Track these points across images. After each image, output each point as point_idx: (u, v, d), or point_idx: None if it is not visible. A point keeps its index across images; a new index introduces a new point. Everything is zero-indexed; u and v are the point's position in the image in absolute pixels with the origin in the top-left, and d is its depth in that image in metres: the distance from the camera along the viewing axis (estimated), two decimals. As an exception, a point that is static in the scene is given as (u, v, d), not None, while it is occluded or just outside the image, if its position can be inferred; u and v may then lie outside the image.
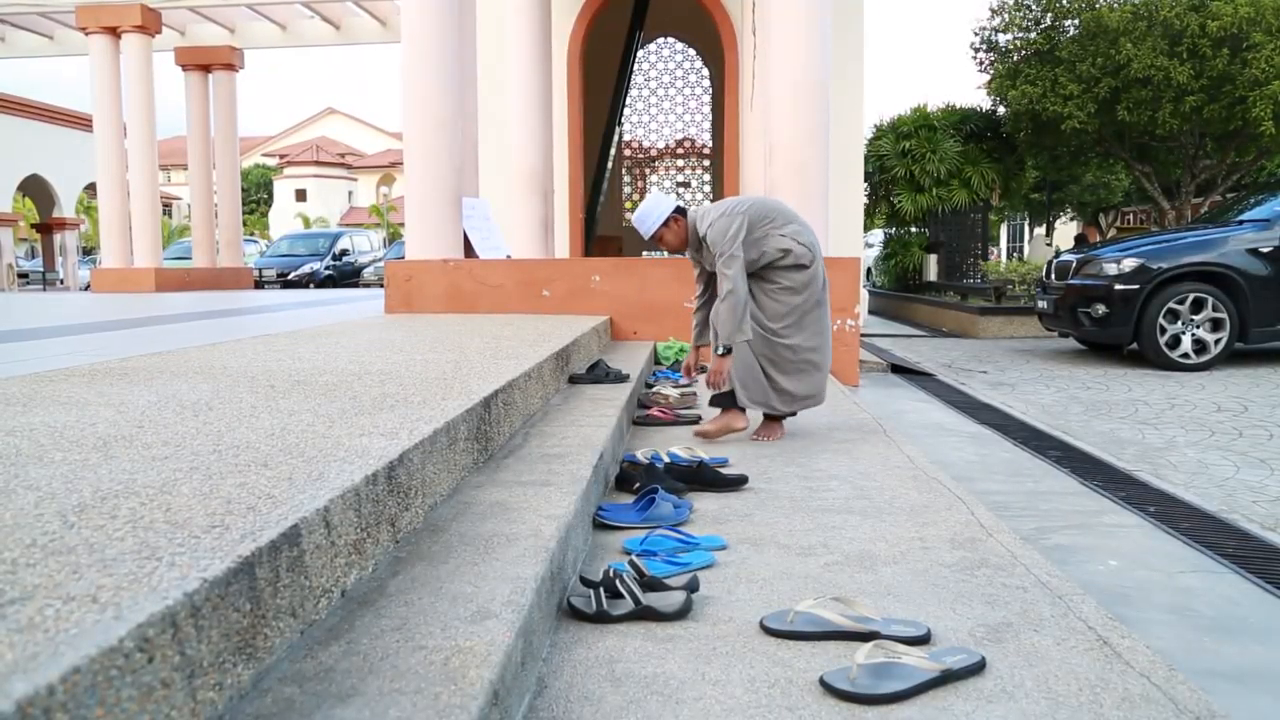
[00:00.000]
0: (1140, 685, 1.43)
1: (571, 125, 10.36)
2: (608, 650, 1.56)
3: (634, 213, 3.25)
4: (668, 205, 3.40)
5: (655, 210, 3.39)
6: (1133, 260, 7.14)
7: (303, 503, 1.28)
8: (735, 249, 3.19)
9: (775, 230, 3.31)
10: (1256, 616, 2.26)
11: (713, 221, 3.26)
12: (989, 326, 10.30)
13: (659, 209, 3.39)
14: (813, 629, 1.60)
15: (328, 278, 17.85)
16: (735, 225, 3.22)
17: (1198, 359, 6.93)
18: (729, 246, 3.19)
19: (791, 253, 3.30)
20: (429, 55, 5.91)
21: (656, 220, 3.38)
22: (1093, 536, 2.95)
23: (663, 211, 3.38)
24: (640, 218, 3.42)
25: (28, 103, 20.49)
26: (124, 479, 1.40)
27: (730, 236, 3.20)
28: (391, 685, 1.10)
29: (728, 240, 3.20)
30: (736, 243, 3.19)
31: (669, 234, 3.41)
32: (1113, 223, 20.13)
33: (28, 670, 0.74)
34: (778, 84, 5.85)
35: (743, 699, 1.39)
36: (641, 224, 3.42)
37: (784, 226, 3.32)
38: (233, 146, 14.05)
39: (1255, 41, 9.75)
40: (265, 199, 42.74)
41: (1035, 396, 5.92)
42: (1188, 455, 4.17)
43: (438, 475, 1.86)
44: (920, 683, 1.41)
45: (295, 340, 3.95)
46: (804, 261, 3.32)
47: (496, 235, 7.14)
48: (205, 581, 0.98)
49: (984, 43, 12.33)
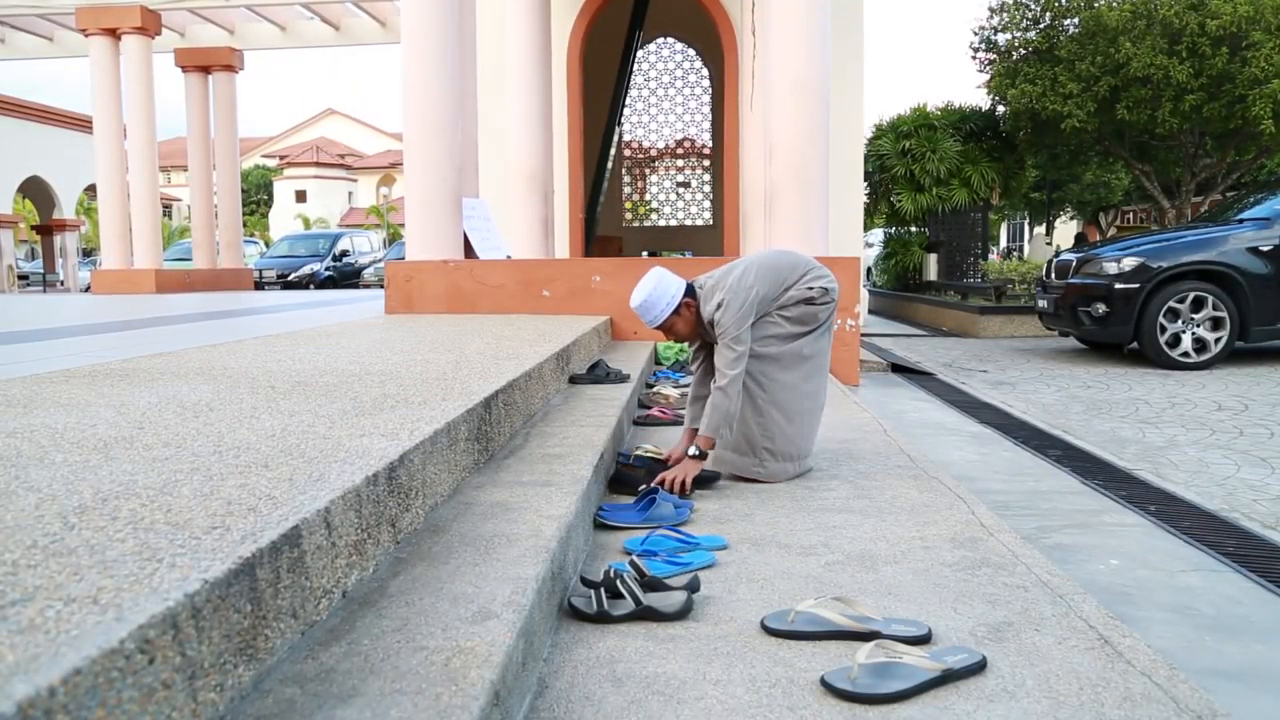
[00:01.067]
0: (1141, 684, 1.43)
1: (571, 125, 10.36)
2: (609, 650, 1.56)
3: (636, 298, 2.76)
4: (677, 288, 2.78)
5: (663, 296, 2.76)
6: (1133, 259, 7.14)
7: (303, 504, 1.28)
8: (744, 332, 2.71)
9: (789, 293, 2.82)
10: (1258, 615, 2.26)
11: (722, 300, 2.72)
12: (989, 326, 10.30)
13: (667, 294, 2.76)
14: (814, 629, 1.60)
15: (328, 278, 17.85)
16: (747, 302, 2.71)
17: (1198, 358, 6.93)
18: (736, 328, 2.70)
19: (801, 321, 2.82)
20: (429, 56, 5.91)
21: (666, 308, 2.76)
22: (1094, 536, 2.95)
23: (673, 296, 2.77)
24: (646, 304, 2.75)
25: (28, 104, 20.50)
26: (125, 480, 1.40)
27: (740, 315, 2.70)
28: (392, 686, 1.10)
29: (737, 320, 2.70)
30: (745, 324, 2.72)
31: (680, 322, 2.81)
32: (1113, 222, 20.14)
33: (29, 671, 0.74)
34: (778, 84, 5.85)
35: (744, 699, 1.39)
36: (647, 312, 2.77)
37: (798, 284, 2.83)
38: (233, 147, 14.04)
39: (1255, 40, 9.75)
40: (265, 200, 42.76)
41: (1036, 396, 5.91)
42: (1188, 454, 4.17)
43: (438, 476, 1.86)
44: (921, 682, 1.41)
45: (296, 341, 3.95)
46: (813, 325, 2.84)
47: (496, 235, 7.14)
48: (206, 582, 0.98)
49: (983, 42, 12.33)
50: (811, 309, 2.81)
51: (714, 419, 2.70)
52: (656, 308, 2.77)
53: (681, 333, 2.85)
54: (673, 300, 2.77)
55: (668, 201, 14.72)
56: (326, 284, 17.65)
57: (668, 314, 2.78)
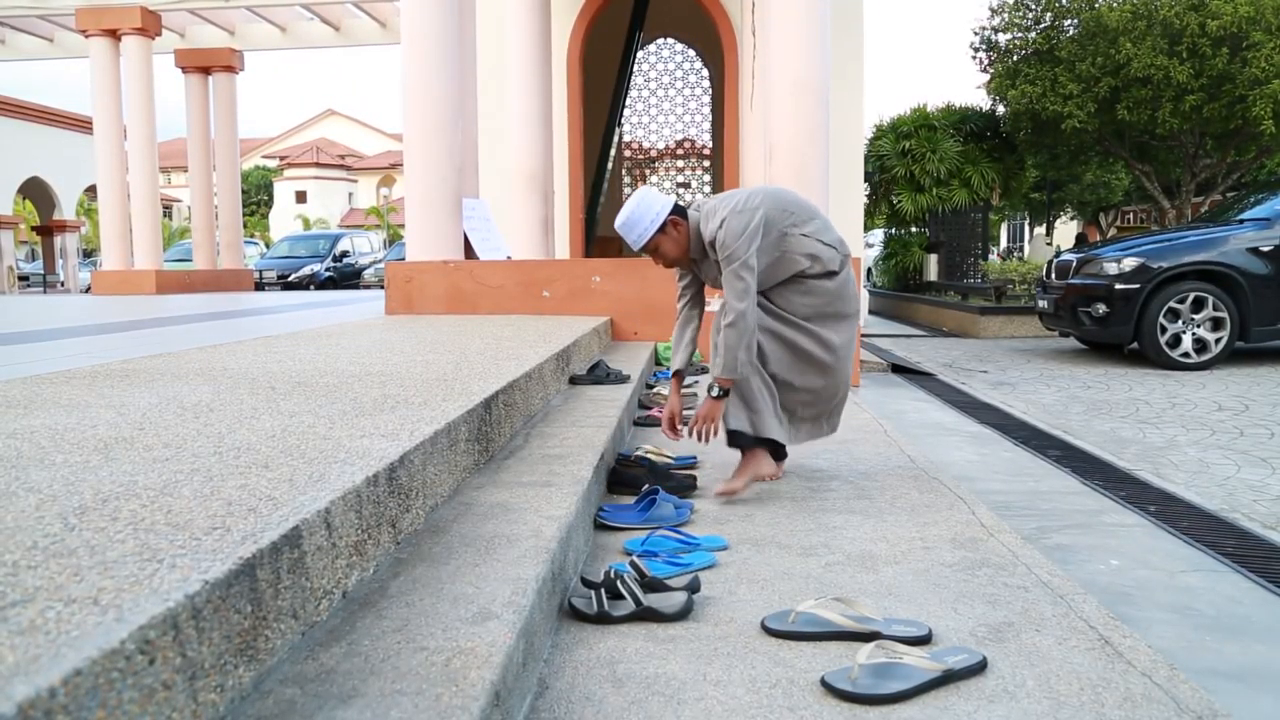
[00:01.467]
0: (1142, 684, 1.43)
1: (571, 126, 10.36)
2: (609, 651, 1.56)
3: (620, 217, 2.60)
4: (663, 205, 2.61)
5: (647, 212, 2.59)
6: (1133, 259, 7.14)
7: (304, 504, 1.28)
8: (750, 256, 2.51)
9: (796, 230, 2.63)
10: (1258, 615, 2.26)
11: (725, 219, 2.52)
12: (989, 326, 10.30)
13: (652, 210, 2.59)
14: (814, 629, 1.60)
15: (328, 279, 17.85)
16: (752, 223, 2.51)
17: (1198, 358, 6.93)
18: (744, 250, 2.49)
19: (819, 259, 2.62)
20: (429, 56, 5.91)
21: (651, 225, 2.59)
22: (1094, 536, 2.95)
23: (658, 213, 2.59)
24: (629, 222, 2.60)
25: (28, 105, 20.51)
26: (125, 481, 1.40)
27: (747, 236, 2.50)
28: (393, 686, 1.10)
29: (743, 241, 2.49)
30: (752, 247, 2.51)
31: (667, 242, 2.63)
32: (1113, 222, 20.15)
33: (29, 672, 0.74)
34: (777, 84, 5.85)
35: (744, 699, 1.39)
36: (630, 230, 2.60)
37: (805, 224, 2.65)
38: (233, 148, 14.05)
39: (1255, 40, 9.75)
40: (265, 200, 42.77)
41: (1036, 396, 5.91)
42: (1188, 454, 4.17)
43: (438, 476, 1.86)
44: (921, 683, 1.41)
45: (296, 342, 3.95)
46: (833, 267, 2.65)
47: (496, 236, 7.14)
48: (206, 583, 0.98)
49: (984, 42, 12.33)
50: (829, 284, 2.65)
51: (727, 358, 2.51)
52: (640, 225, 2.58)
53: (669, 254, 2.65)
54: (658, 217, 2.59)
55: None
56: (327, 285, 17.65)
57: (652, 232, 2.59)
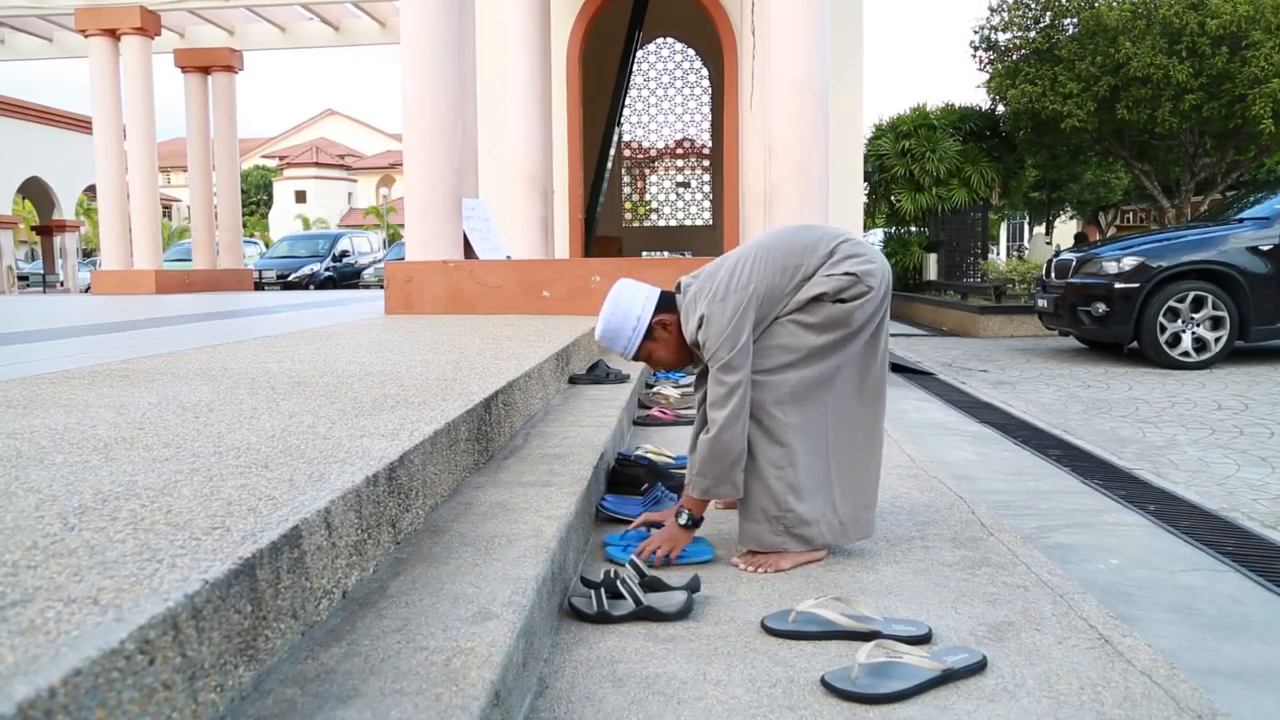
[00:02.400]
0: (1142, 684, 1.43)
1: (571, 126, 10.36)
2: (609, 650, 1.56)
3: (598, 327, 2.13)
4: (645, 304, 2.10)
5: (627, 318, 2.08)
6: (1133, 259, 7.14)
7: (303, 504, 1.28)
8: (736, 354, 1.96)
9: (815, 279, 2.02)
10: (1259, 615, 2.26)
11: (705, 315, 2.00)
12: (989, 326, 10.30)
13: (631, 315, 2.08)
14: (814, 629, 1.60)
15: (328, 279, 17.85)
16: (739, 311, 1.98)
17: (1198, 357, 6.93)
18: (726, 350, 1.96)
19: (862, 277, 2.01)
20: (428, 56, 5.91)
21: (634, 335, 2.09)
22: (1094, 535, 2.95)
23: (639, 317, 2.08)
24: (609, 333, 2.11)
25: (27, 105, 20.50)
26: (125, 481, 1.40)
27: (732, 328, 1.97)
28: (393, 686, 1.10)
29: (727, 337, 1.97)
30: (740, 341, 1.97)
31: (659, 348, 2.13)
32: (1112, 221, 20.16)
33: (29, 672, 0.74)
34: (777, 84, 5.84)
35: (744, 699, 1.39)
36: (613, 343, 2.12)
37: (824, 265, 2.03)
38: (232, 148, 14.04)
39: (1254, 40, 9.75)
40: (265, 200, 42.77)
41: (1036, 395, 5.91)
42: (1188, 453, 4.17)
43: (438, 476, 1.86)
44: (921, 682, 1.41)
45: (295, 342, 3.95)
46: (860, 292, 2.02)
47: (496, 236, 7.14)
48: (206, 583, 0.98)
49: (983, 42, 12.34)
50: (842, 308, 2.00)
51: (703, 477, 1.99)
52: (622, 336, 2.09)
53: (666, 361, 2.16)
54: (639, 323, 2.08)
55: (667, 202, 14.72)
56: (326, 284, 17.65)
57: (637, 343, 2.10)
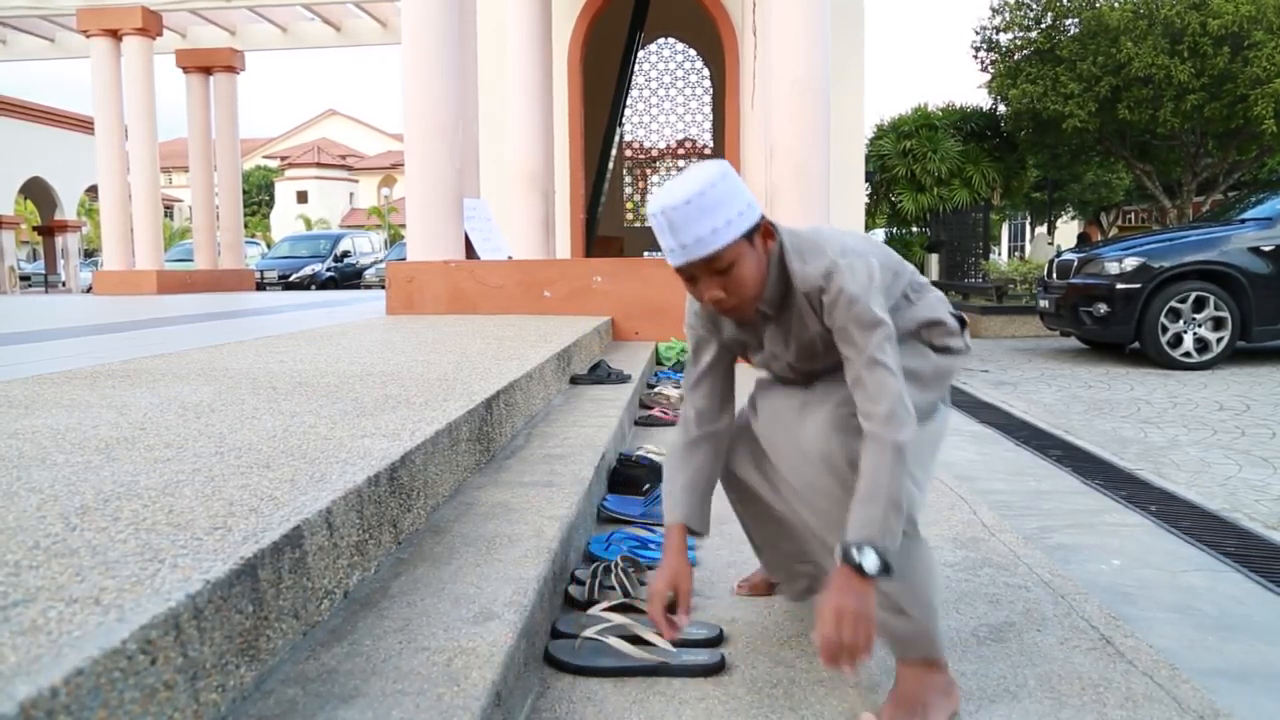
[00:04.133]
0: (1143, 684, 1.43)
1: (572, 126, 10.37)
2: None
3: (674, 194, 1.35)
4: (747, 201, 1.40)
5: (736, 192, 1.38)
6: (1134, 259, 7.14)
7: (305, 504, 1.28)
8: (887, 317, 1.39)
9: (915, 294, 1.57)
10: (1260, 615, 2.26)
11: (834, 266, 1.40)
12: (990, 326, 10.30)
13: (738, 198, 1.38)
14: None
15: (329, 279, 17.86)
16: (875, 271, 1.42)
17: (1200, 358, 6.92)
18: (879, 310, 1.38)
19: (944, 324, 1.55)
20: (429, 57, 5.91)
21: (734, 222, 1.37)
22: (1095, 536, 2.95)
23: (750, 202, 1.40)
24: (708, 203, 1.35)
25: (29, 105, 20.52)
26: (126, 481, 1.40)
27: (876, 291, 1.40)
28: (394, 686, 1.10)
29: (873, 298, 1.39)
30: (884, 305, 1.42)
31: (749, 259, 1.41)
32: (1114, 221, 20.16)
33: (30, 672, 0.75)
34: (778, 84, 5.85)
35: (745, 699, 1.39)
36: (704, 215, 1.35)
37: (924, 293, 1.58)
38: (234, 148, 14.05)
39: (1256, 40, 9.75)
40: (266, 201, 42.79)
41: (1037, 396, 5.91)
42: (1190, 454, 4.17)
43: (440, 476, 1.86)
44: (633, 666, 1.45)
45: (297, 342, 3.95)
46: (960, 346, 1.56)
47: (497, 236, 7.14)
48: (208, 583, 0.98)
49: (985, 42, 12.35)
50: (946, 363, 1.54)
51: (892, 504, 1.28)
52: (720, 211, 1.35)
53: (746, 281, 1.41)
54: (750, 208, 1.39)
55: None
56: (328, 285, 17.66)
57: (735, 234, 1.36)
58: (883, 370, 1.34)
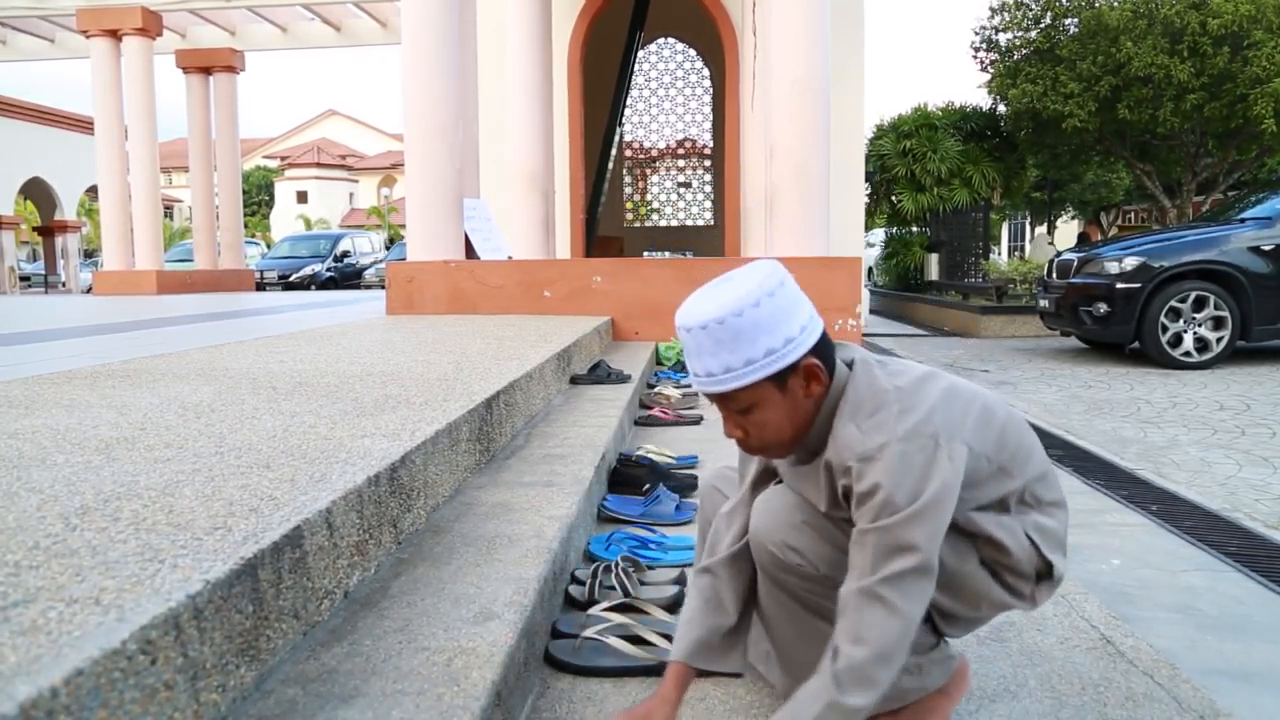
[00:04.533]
0: (1144, 684, 1.43)
1: (572, 126, 10.37)
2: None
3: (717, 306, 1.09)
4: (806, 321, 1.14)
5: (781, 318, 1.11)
6: (1134, 259, 7.13)
7: (305, 504, 1.28)
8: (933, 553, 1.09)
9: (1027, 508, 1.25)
10: (1261, 615, 2.26)
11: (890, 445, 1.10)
12: (990, 326, 10.30)
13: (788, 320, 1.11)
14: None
15: (329, 279, 17.86)
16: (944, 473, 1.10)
17: (1200, 357, 6.92)
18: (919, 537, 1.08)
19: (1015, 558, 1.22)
20: (429, 57, 5.91)
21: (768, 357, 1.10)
22: (1095, 535, 2.95)
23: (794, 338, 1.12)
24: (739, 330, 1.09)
25: (29, 106, 20.52)
26: (126, 481, 1.40)
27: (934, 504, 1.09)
28: (394, 686, 1.10)
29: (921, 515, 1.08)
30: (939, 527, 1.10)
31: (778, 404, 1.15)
32: (1114, 221, 20.16)
33: (31, 672, 0.74)
34: (778, 84, 5.85)
35: (746, 699, 1.38)
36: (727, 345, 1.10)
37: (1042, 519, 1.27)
38: (234, 148, 14.05)
39: (1256, 39, 9.75)
40: (266, 201, 42.79)
41: (1037, 395, 5.91)
42: (1190, 454, 4.17)
43: (440, 476, 1.86)
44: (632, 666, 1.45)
45: (297, 342, 3.95)
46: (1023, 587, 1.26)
47: (497, 236, 7.14)
48: (208, 583, 0.98)
49: (984, 42, 12.35)
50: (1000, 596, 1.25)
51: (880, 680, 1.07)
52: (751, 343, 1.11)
53: (766, 427, 1.18)
54: (790, 346, 1.12)
55: (669, 202, 14.72)
56: (327, 285, 17.67)
57: (765, 372, 1.12)
58: (881, 610, 1.06)
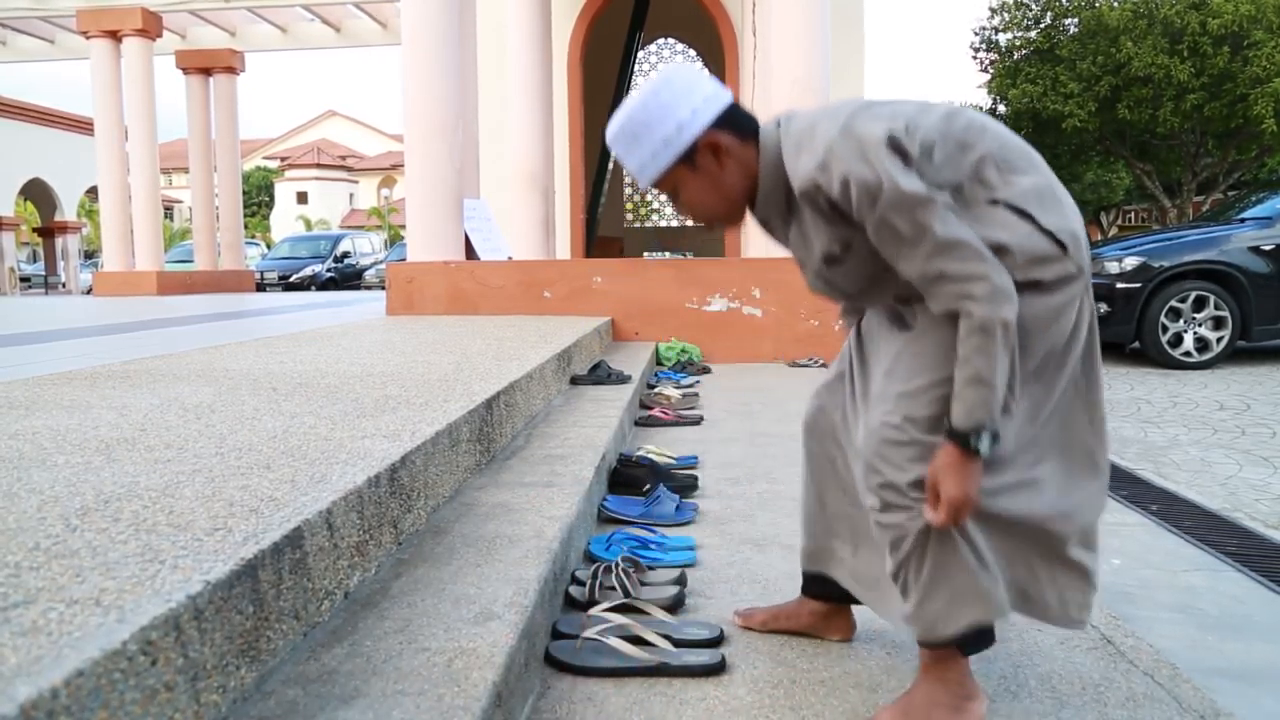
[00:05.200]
0: (1144, 684, 1.43)
1: (572, 126, 10.37)
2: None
3: (618, 118, 1.27)
4: (700, 102, 1.25)
5: (669, 110, 1.25)
6: (1134, 258, 7.13)
7: (305, 505, 1.28)
8: (938, 195, 1.17)
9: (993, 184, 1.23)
10: (1261, 615, 2.26)
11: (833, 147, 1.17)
12: (991, 326, 10.29)
13: (675, 109, 1.24)
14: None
15: (329, 280, 17.87)
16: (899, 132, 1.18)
17: (1200, 357, 6.92)
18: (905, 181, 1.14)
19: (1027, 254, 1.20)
20: (429, 57, 5.91)
21: (663, 145, 1.26)
22: (1096, 535, 2.94)
23: (684, 121, 1.25)
24: (629, 130, 1.27)
25: (29, 106, 20.53)
26: (127, 482, 1.40)
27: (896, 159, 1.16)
28: (394, 687, 1.10)
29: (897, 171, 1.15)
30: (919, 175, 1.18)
31: (697, 184, 1.29)
32: (1114, 221, 20.16)
33: (31, 673, 0.75)
34: (778, 84, 5.85)
35: (746, 699, 1.38)
36: (629, 146, 1.27)
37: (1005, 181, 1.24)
38: (234, 149, 14.06)
39: (1256, 39, 9.75)
40: (266, 201, 42.81)
41: (1037, 395, 5.91)
42: (1190, 453, 4.17)
43: (440, 477, 1.86)
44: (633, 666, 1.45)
45: (297, 343, 3.95)
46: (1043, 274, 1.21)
47: (498, 236, 7.14)
48: (208, 584, 0.98)
49: (984, 42, 12.36)
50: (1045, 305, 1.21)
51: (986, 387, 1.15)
52: (645, 141, 1.25)
53: (695, 205, 1.31)
54: (682, 128, 1.23)
55: (668, 202, 14.72)
56: (328, 285, 17.67)
57: (665, 163, 1.26)
58: (943, 260, 1.14)
